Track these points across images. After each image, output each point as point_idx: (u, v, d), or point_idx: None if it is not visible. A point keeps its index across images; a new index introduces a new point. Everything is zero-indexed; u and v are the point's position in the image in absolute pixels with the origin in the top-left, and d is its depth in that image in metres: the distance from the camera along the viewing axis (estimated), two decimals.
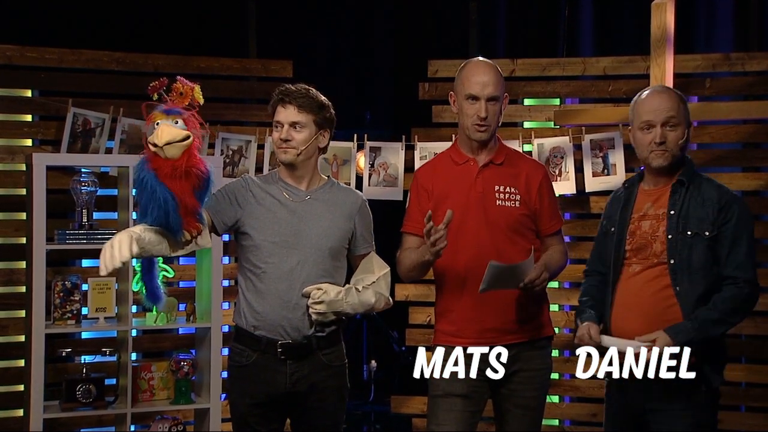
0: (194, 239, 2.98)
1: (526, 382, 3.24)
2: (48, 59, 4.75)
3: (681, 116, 3.04)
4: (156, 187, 2.82)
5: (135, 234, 2.80)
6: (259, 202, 3.18)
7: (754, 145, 4.86)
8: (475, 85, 3.20)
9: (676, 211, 3.00)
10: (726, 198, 3.00)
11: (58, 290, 4.28)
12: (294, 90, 3.18)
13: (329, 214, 3.20)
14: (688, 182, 3.03)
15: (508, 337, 3.22)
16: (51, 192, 4.30)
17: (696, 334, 2.90)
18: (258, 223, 3.16)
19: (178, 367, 4.36)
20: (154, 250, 2.89)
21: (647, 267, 3.02)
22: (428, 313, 5.03)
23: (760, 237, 4.79)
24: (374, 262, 3.29)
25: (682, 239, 2.97)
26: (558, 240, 3.33)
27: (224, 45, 5.34)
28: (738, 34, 5.14)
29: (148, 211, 2.85)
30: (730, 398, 4.72)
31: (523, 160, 3.39)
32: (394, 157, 4.97)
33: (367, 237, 3.30)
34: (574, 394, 5.00)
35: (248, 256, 3.19)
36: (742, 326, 4.66)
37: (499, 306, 3.20)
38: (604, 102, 4.93)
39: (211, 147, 4.84)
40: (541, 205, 3.28)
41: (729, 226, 2.97)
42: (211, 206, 3.12)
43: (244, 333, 3.19)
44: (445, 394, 3.24)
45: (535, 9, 5.74)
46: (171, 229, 2.88)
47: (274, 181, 3.24)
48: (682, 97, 3.10)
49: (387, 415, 5.56)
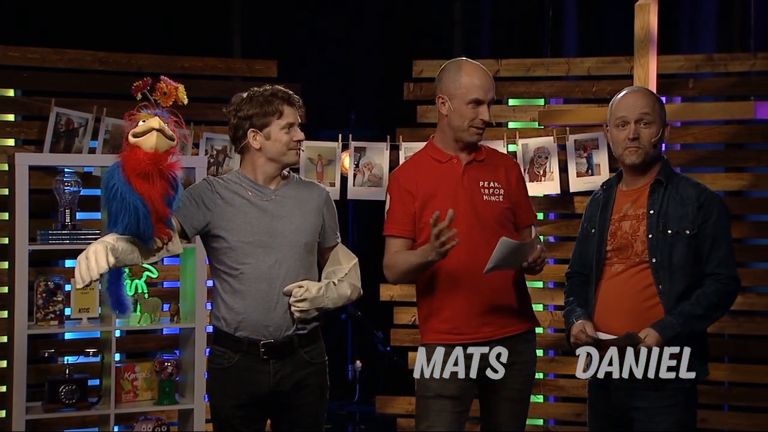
0: (165, 246, 2.95)
1: (515, 374, 3.25)
2: (31, 59, 4.72)
3: (655, 115, 3.07)
4: (126, 195, 2.77)
5: (110, 244, 2.76)
6: (228, 203, 3.15)
7: (737, 146, 4.89)
8: (480, 89, 3.21)
9: (656, 210, 3.03)
10: (705, 196, 3.03)
11: (41, 291, 4.26)
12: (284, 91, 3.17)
13: (299, 210, 3.19)
14: (666, 181, 3.06)
15: (505, 330, 3.23)
16: (34, 192, 4.28)
17: (681, 329, 2.93)
18: (230, 225, 3.13)
19: (162, 368, 4.35)
20: (126, 260, 2.84)
21: (629, 267, 3.04)
22: (413, 313, 5.02)
23: (744, 236, 4.82)
24: (341, 253, 3.30)
25: (662, 238, 3.00)
26: (534, 232, 3.37)
27: (208, 45, 5.32)
28: (721, 35, 5.17)
29: (118, 220, 2.79)
30: (714, 397, 4.75)
31: (498, 156, 3.42)
32: (379, 157, 4.97)
33: (334, 228, 3.31)
34: (558, 393, 5.01)
35: (222, 259, 3.15)
36: (724, 325, 4.71)
37: (492, 299, 3.21)
38: (588, 102, 4.95)
39: (195, 147, 4.83)
40: (519, 198, 3.33)
41: (709, 224, 3.00)
42: (179, 211, 3.05)
43: (225, 335, 3.17)
44: (436, 396, 3.22)
45: (519, 9, 5.75)
46: (142, 237, 2.84)
47: (238, 180, 3.19)
48: (658, 98, 3.14)
49: (372, 415, 5.56)
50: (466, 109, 3.21)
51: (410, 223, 3.23)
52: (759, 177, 4.77)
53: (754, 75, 4.79)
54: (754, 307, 4.72)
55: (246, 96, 3.17)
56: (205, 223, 3.14)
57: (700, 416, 4.64)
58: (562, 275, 4.79)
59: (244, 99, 3.16)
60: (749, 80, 4.79)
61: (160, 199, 2.84)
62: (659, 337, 2.92)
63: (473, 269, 3.11)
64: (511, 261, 3.09)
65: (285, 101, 3.15)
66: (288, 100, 3.16)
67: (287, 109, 3.15)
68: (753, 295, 4.75)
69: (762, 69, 4.75)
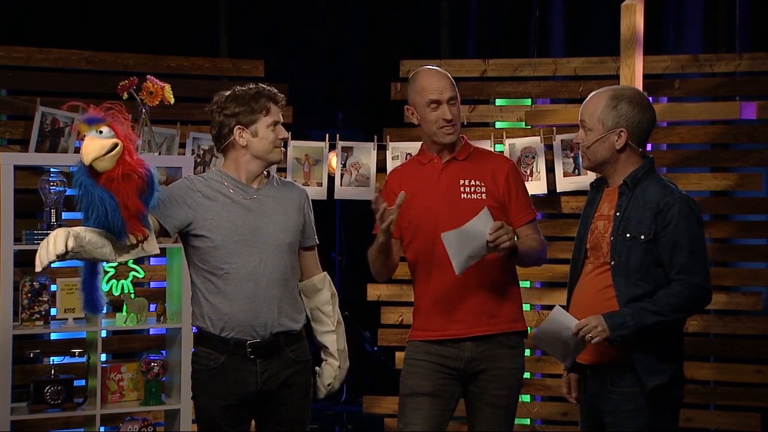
0: (140, 244, 2.94)
1: (494, 380, 3.25)
2: (16, 58, 4.69)
3: (594, 121, 3.04)
4: (92, 190, 2.80)
5: (73, 231, 2.77)
6: (211, 201, 3.13)
7: (723, 146, 4.91)
8: (434, 90, 3.25)
9: (621, 213, 3.02)
10: (665, 202, 2.97)
11: (26, 291, 4.24)
12: (269, 89, 3.18)
13: (281, 209, 3.19)
14: (632, 184, 3.03)
15: (476, 329, 3.23)
16: (19, 192, 4.25)
17: (629, 318, 2.88)
18: (213, 224, 3.11)
19: (149, 368, 4.33)
20: (96, 253, 2.84)
21: (596, 267, 3.05)
22: (400, 313, 5.04)
23: (729, 236, 4.85)
24: (316, 272, 3.33)
25: (621, 241, 2.98)
26: (532, 230, 3.35)
27: (195, 44, 5.31)
28: (706, 36, 5.19)
29: (88, 214, 2.82)
30: (699, 397, 4.77)
31: (489, 155, 3.43)
32: (366, 157, 4.97)
33: (312, 229, 3.32)
34: (545, 393, 5.02)
35: (206, 258, 3.13)
36: (710, 325, 4.74)
37: (466, 297, 3.22)
38: (575, 102, 4.94)
39: (182, 147, 4.82)
40: (509, 197, 3.31)
41: (668, 231, 2.94)
42: (158, 210, 3.04)
43: (210, 336, 3.15)
44: (412, 393, 3.25)
45: (506, 10, 5.76)
46: (113, 230, 2.84)
47: (220, 179, 3.18)
48: (610, 99, 3.04)
49: (359, 415, 5.56)
50: (428, 113, 3.26)
51: (395, 222, 3.25)
52: (744, 177, 4.79)
53: (739, 75, 4.81)
54: (739, 306, 4.75)
55: (230, 94, 3.16)
56: (188, 222, 3.12)
57: (686, 416, 4.68)
58: (550, 275, 4.87)
59: (228, 97, 3.15)
60: (734, 81, 4.81)
61: (134, 196, 2.85)
62: (603, 321, 2.88)
63: (449, 266, 3.12)
64: (472, 248, 3.05)
65: (270, 99, 3.16)
66: (273, 98, 3.17)
67: (273, 107, 3.16)
68: (738, 294, 4.77)
69: (747, 69, 4.77)
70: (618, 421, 2.97)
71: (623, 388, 2.96)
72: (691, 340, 4.59)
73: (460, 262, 3.07)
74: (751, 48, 4.91)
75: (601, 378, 3.01)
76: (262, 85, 3.20)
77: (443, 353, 3.25)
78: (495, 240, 3.03)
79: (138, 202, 2.86)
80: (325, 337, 3.30)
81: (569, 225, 4.80)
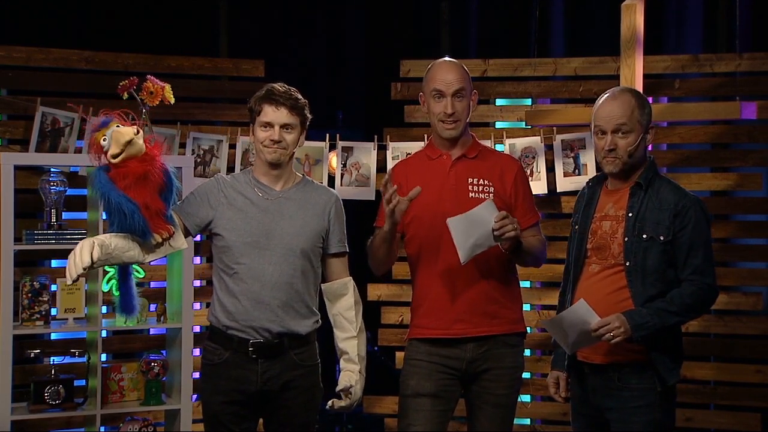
0: (166, 241, 2.98)
1: (496, 379, 3.25)
2: (16, 58, 4.69)
3: (633, 123, 3.02)
4: (109, 195, 2.84)
5: (98, 240, 2.82)
6: (231, 203, 3.19)
7: (723, 146, 4.91)
8: (440, 81, 3.24)
9: (634, 213, 3.02)
10: (683, 203, 3.00)
11: (27, 291, 4.24)
12: (283, 91, 3.19)
13: (301, 213, 3.20)
14: (646, 185, 3.04)
15: (478, 329, 3.23)
16: (19, 192, 4.25)
17: (650, 319, 2.91)
18: (230, 224, 3.17)
19: (149, 368, 4.33)
20: (124, 257, 2.90)
21: (605, 267, 3.05)
22: (401, 313, 5.04)
23: (729, 236, 4.85)
24: (350, 294, 3.28)
25: (637, 242, 2.99)
26: (534, 232, 3.35)
27: (195, 44, 5.31)
28: (707, 36, 5.19)
29: (112, 220, 2.88)
30: (699, 396, 4.78)
31: (497, 155, 3.44)
32: (367, 157, 4.97)
33: (340, 236, 3.30)
34: (545, 393, 5.01)
35: (221, 257, 3.20)
36: (710, 325, 4.74)
37: (469, 297, 3.22)
38: (575, 102, 4.96)
39: (182, 147, 4.82)
40: (515, 199, 3.30)
41: (685, 232, 2.98)
42: (181, 208, 3.14)
43: (218, 332, 3.21)
44: (414, 394, 3.24)
45: (506, 9, 5.76)
46: (137, 232, 2.89)
47: (247, 180, 3.24)
48: (639, 102, 3.06)
49: (359, 415, 5.56)
50: (433, 103, 3.26)
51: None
52: (744, 177, 4.79)
53: (739, 75, 4.82)
54: (739, 306, 4.75)
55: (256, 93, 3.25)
56: (208, 221, 3.18)
57: (686, 415, 4.69)
58: (550, 275, 4.87)
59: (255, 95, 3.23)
60: (735, 81, 4.81)
61: (154, 195, 2.89)
62: (626, 321, 2.89)
63: (454, 265, 3.12)
64: (478, 237, 3.04)
65: (270, 101, 3.17)
66: (274, 100, 3.17)
67: (267, 108, 3.17)
68: (738, 294, 4.78)
69: (747, 69, 4.77)
70: (625, 417, 2.98)
71: (634, 385, 2.97)
72: (691, 340, 4.60)
73: (465, 250, 3.05)
74: (751, 48, 4.91)
75: (607, 375, 3.01)
76: (273, 85, 3.21)
77: (445, 354, 3.24)
78: (500, 229, 3.02)
79: (158, 201, 2.91)
80: (346, 343, 3.27)
81: (569, 225, 4.78)
